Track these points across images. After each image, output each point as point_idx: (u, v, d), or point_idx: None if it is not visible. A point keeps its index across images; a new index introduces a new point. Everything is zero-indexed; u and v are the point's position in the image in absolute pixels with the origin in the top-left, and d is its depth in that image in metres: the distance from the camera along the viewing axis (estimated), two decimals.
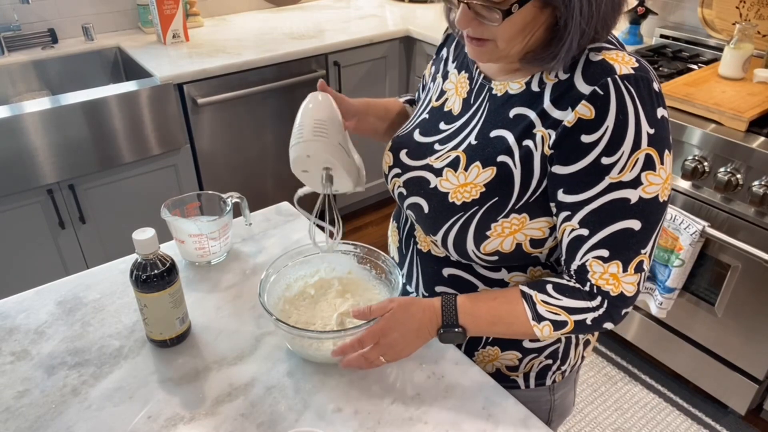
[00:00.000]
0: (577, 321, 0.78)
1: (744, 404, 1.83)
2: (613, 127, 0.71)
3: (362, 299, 0.96)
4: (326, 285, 0.99)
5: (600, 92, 0.72)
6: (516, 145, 0.79)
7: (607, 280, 0.77)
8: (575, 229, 0.76)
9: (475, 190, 0.81)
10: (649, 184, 0.73)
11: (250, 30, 2.48)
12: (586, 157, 0.73)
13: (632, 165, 0.72)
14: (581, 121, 0.73)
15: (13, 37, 2.18)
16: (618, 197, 0.73)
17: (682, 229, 1.66)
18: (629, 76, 0.72)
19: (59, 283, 1.07)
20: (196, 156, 2.21)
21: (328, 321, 0.91)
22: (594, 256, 0.76)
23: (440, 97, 0.94)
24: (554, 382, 0.97)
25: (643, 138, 0.72)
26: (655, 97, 0.73)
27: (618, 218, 0.74)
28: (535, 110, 0.78)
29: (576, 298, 0.78)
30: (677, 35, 2.26)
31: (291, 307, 0.94)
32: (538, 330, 0.79)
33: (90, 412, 0.82)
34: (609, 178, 0.73)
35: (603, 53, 0.74)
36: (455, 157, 0.85)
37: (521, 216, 0.80)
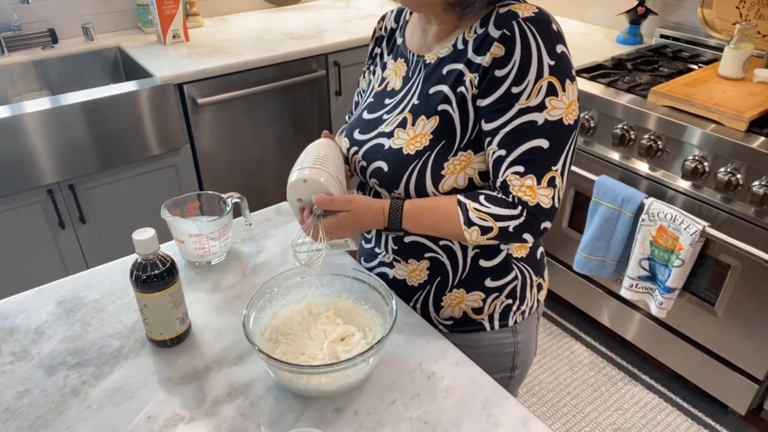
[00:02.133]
0: (501, 228, 0.88)
1: (744, 404, 1.83)
2: (519, 60, 0.84)
3: (354, 325, 0.91)
4: (315, 311, 0.94)
5: (507, 33, 0.85)
6: (452, 93, 0.91)
7: (524, 192, 0.87)
8: (496, 151, 0.88)
9: (425, 138, 0.93)
10: (553, 108, 0.85)
11: (250, 30, 2.48)
12: (499, 88, 0.86)
13: (537, 92, 0.84)
14: (495, 60, 0.86)
15: (13, 37, 2.18)
16: (527, 120, 0.85)
17: (682, 229, 1.66)
18: (530, 17, 0.85)
19: (59, 283, 1.07)
20: (196, 156, 2.21)
21: (318, 350, 0.87)
22: (512, 171, 0.87)
23: (382, 83, 1.06)
24: (516, 323, 1.06)
25: (544, 68, 0.84)
26: (554, 35, 0.85)
27: (528, 138, 0.86)
28: (462, 62, 0.91)
29: (502, 206, 0.88)
30: (677, 35, 2.26)
31: (279, 336, 0.90)
32: (467, 234, 0.89)
33: (90, 412, 0.82)
34: (518, 104, 0.85)
35: (509, 6, 0.87)
36: (403, 118, 0.97)
37: (467, 153, 0.92)
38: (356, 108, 1.17)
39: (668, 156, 1.75)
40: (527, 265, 1.04)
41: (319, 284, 0.95)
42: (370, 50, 1.15)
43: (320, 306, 0.94)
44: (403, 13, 1.07)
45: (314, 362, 0.84)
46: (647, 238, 1.77)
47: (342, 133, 1.10)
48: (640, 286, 1.86)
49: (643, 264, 1.82)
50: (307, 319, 0.93)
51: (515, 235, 0.89)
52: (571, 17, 2.65)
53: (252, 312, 0.86)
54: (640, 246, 1.79)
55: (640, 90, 1.86)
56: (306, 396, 0.84)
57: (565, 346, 2.21)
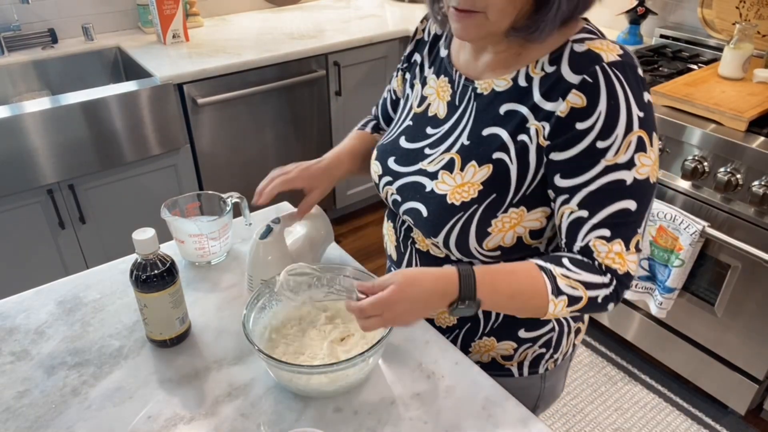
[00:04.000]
0: (591, 297, 0.78)
1: (744, 404, 1.83)
2: (606, 112, 0.74)
3: (354, 325, 0.90)
4: (315, 311, 0.93)
5: (589, 80, 0.74)
6: (511, 141, 0.81)
7: (613, 259, 0.78)
8: (574, 212, 0.78)
9: (473, 189, 0.83)
10: (642, 166, 0.76)
11: (250, 30, 2.48)
12: (581, 142, 0.76)
13: (626, 147, 0.75)
14: (574, 110, 0.75)
15: (13, 37, 2.18)
16: (614, 179, 0.76)
17: (682, 229, 1.66)
18: (616, 62, 0.74)
19: (59, 283, 1.07)
20: (196, 156, 2.21)
21: (317, 350, 0.86)
22: (596, 236, 0.78)
23: (421, 103, 0.94)
24: (547, 370, 1.00)
25: (634, 121, 0.75)
26: (641, 82, 0.76)
27: (616, 199, 0.76)
28: (526, 105, 0.80)
29: (592, 272, 0.78)
30: (677, 35, 2.26)
31: (278, 337, 0.89)
32: (553, 305, 0.77)
33: (90, 412, 0.82)
34: (605, 160, 0.75)
35: (587, 43, 0.77)
36: (450, 159, 0.86)
37: (519, 209, 0.82)
38: (384, 106, 1.11)
39: (668, 156, 1.75)
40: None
41: (318, 284, 0.95)
42: (408, 52, 1.01)
43: (320, 306, 0.94)
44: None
45: (314, 362, 0.84)
46: (647, 238, 1.77)
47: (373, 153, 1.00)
48: (640, 286, 1.86)
49: (643, 264, 1.82)
50: (306, 319, 0.93)
51: (600, 306, 0.79)
52: None
53: (252, 312, 0.86)
54: None
55: None
56: (306, 396, 0.84)
57: None
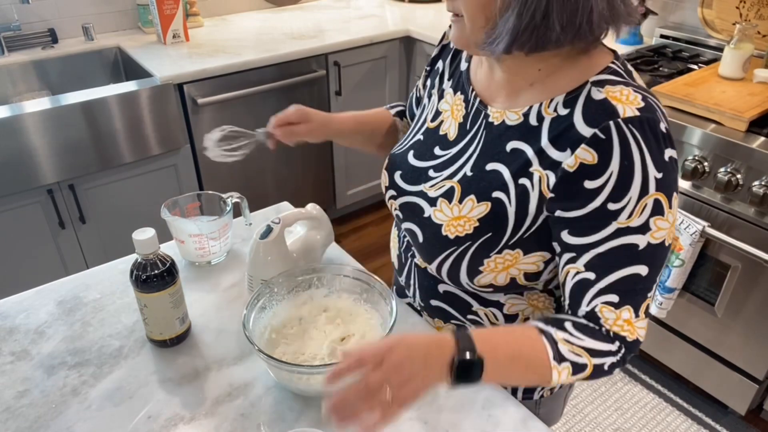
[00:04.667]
0: (597, 365, 0.72)
1: (744, 404, 1.83)
2: (618, 173, 0.68)
3: (354, 326, 0.90)
4: (315, 311, 0.93)
5: (602, 136, 0.68)
6: (512, 182, 0.77)
7: (621, 327, 0.73)
8: (580, 272, 0.73)
9: (469, 224, 0.80)
10: (658, 230, 0.70)
11: (250, 30, 2.48)
12: (591, 202, 0.70)
13: (641, 211, 0.69)
14: (583, 166, 0.70)
15: (13, 37, 2.18)
16: (626, 243, 0.70)
17: (682, 229, 1.66)
18: (633, 119, 0.68)
19: (59, 283, 1.07)
20: (196, 156, 2.21)
21: (318, 351, 0.86)
22: (603, 301, 0.72)
23: (435, 118, 0.92)
24: (542, 397, 0.98)
25: (650, 183, 0.69)
26: (662, 138, 0.70)
27: (626, 264, 0.71)
28: (532, 147, 0.76)
29: (598, 339, 0.73)
30: (677, 35, 2.26)
31: (278, 337, 0.88)
32: (557, 373, 0.70)
33: (90, 412, 0.82)
34: (617, 223, 0.70)
35: (606, 89, 0.71)
36: (450, 187, 0.83)
37: (515, 252, 0.78)
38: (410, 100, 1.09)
39: None
40: None
41: (318, 284, 0.95)
42: (434, 56, 0.98)
43: (320, 306, 0.94)
44: None
45: (314, 362, 0.84)
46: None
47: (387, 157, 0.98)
48: None
49: None
50: (306, 319, 0.92)
51: (607, 373, 0.74)
52: None
53: (252, 312, 0.86)
54: None
55: None
56: (306, 396, 0.84)
57: None
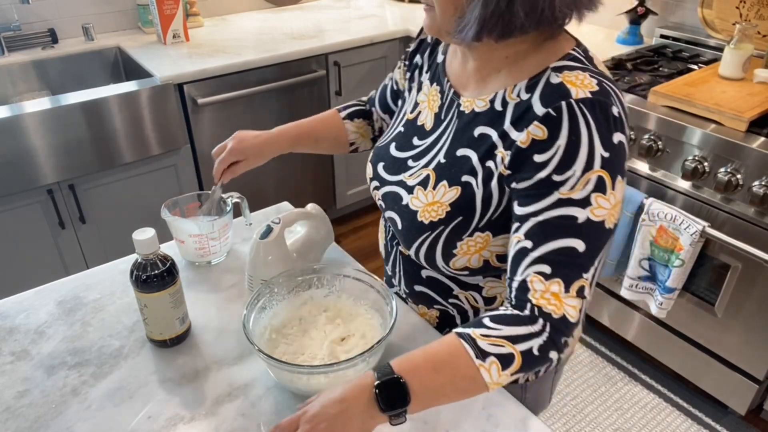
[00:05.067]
0: (524, 351, 0.71)
1: (744, 404, 1.83)
2: (565, 146, 0.71)
3: (354, 325, 0.91)
4: (315, 311, 0.93)
5: (553, 114, 0.72)
6: (479, 165, 0.80)
7: (548, 300, 0.72)
8: (521, 241, 0.75)
9: (441, 209, 0.83)
10: (598, 207, 0.72)
11: (250, 30, 2.48)
12: (538, 173, 0.73)
13: (583, 184, 0.71)
14: (534, 142, 0.73)
15: (13, 37, 2.18)
16: (565, 213, 0.72)
17: (682, 229, 1.66)
18: (585, 100, 0.71)
19: (59, 283, 1.07)
20: (196, 156, 2.21)
21: (318, 351, 0.86)
22: (535, 271, 0.73)
23: (414, 109, 0.95)
24: (527, 381, 0.98)
25: (596, 159, 0.71)
26: (612, 121, 0.72)
27: (563, 235, 0.72)
28: (497, 130, 0.79)
29: (516, 324, 0.72)
30: (677, 35, 2.26)
31: (278, 337, 0.89)
32: (485, 371, 0.69)
33: (90, 412, 0.82)
34: (558, 193, 0.72)
35: (564, 74, 0.74)
36: (426, 175, 0.87)
37: (485, 234, 0.81)
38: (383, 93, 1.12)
39: (668, 156, 1.75)
40: None
41: (318, 284, 0.95)
42: (412, 50, 1.01)
43: (320, 306, 0.94)
44: None
45: (314, 362, 0.84)
46: (647, 239, 1.77)
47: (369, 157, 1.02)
48: (640, 287, 1.86)
49: (643, 264, 1.82)
50: (307, 319, 0.92)
51: (541, 358, 0.72)
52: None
53: (252, 312, 0.86)
54: (640, 246, 1.79)
55: (640, 90, 1.86)
56: (306, 396, 0.84)
57: None
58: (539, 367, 0.75)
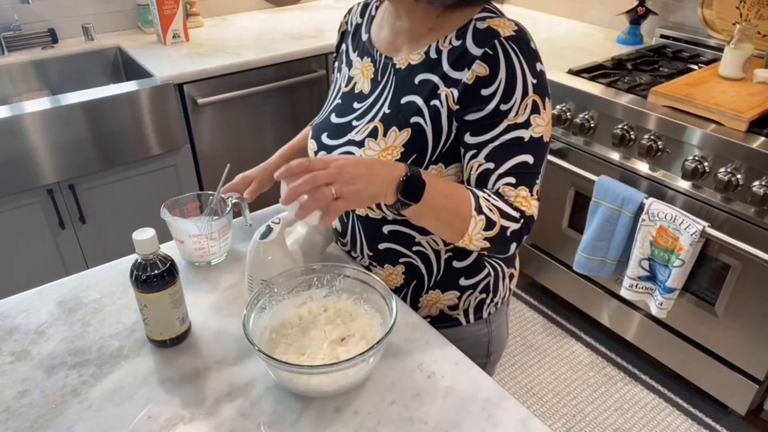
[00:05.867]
0: (503, 227, 0.86)
1: (744, 404, 1.83)
2: (505, 78, 0.85)
3: (354, 325, 0.91)
4: (315, 311, 0.93)
5: (490, 52, 0.86)
6: (425, 106, 0.91)
7: (521, 202, 0.88)
8: (482, 164, 0.89)
9: (396, 151, 0.93)
10: (537, 126, 0.88)
11: (250, 30, 2.48)
12: (487, 105, 0.86)
13: (524, 109, 0.86)
14: (478, 78, 0.86)
15: (13, 37, 2.18)
16: (515, 136, 0.87)
17: (682, 229, 1.66)
18: (511, 37, 0.86)
19: (59, 283, 1.07)
20: (196, 156, 2.21)
21: (318, 351, 0.86)
22: (504, 183, 0.88)
23: (349, 83, 1.04)
24: (490, 314, 1.10)
25: (529, 87, 0.86)
26: (533, 53, 0.88)
27: (516, 153, 0.87)
28: (437, 74, 0.91)
29: (507, 205, 0.87)
30: (677, 35, 2.26)
31: (278, 337, 0.89)
32: (474, 221, 0.84)
33: (90, 412, 0.82)
34: (507, 120, 0.86)
35: (487, 21, 0.88)
36: (373, 127, 0.96)
37: (438, 166, 0.92)
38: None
39: (668, 156, 1.75)
40: (499, 260, 1.07)
41: (318, 284, 0.95)
42: (336, 45, 1.14)
43: (320, 306, 0.94)
44: (369, 8, 1.06)
45: (314, 362, 0.84)
46: (647, 239, 1.77)
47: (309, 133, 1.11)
48: (640, 287, 1.86)
49: (643, 264, 1.82)
50: (306, 319, 0.93)
51: (507, 241, 0.88)
52: (571, 17, 2.65)
53: (252, 312, 0.86)
54: (640, 246, 1.79)
55: (640, 90, 1.86)
56: (306, 396, 0.84)
57: (565, 346, 2.22)
58: (500, 248, 0.89)
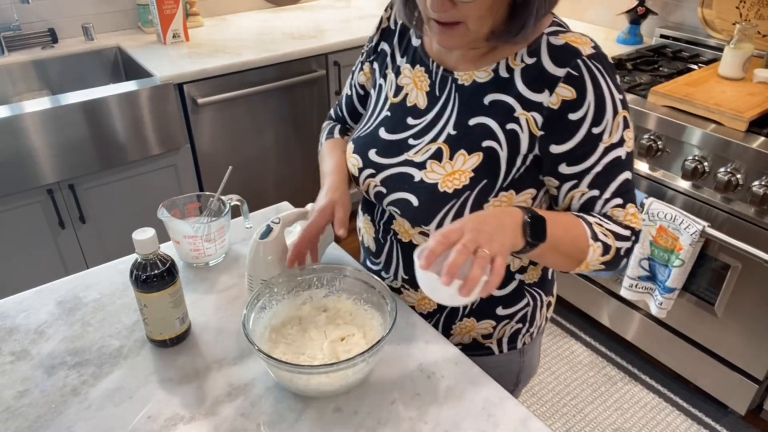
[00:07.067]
0: (617, 249, 0.84)
1: (744, 404, 1.83)
2: (594, 101, 0.80)
3: (354, 325, 0.91)
4: (315, 311, 0.93)
5: (574, 74, 0.80)
6: (500, 130, 0.85)
7: (630, 220, 0.86)
8: (585, 193, 0.85)
9: (465, 176, 0.86)
10: (629, 140, 0.85)
11: (250, 30, 2.48)
12: (578, 131, 0.82)
13: (616, 128, 0.83)
14: (565, 102, 0.81)
15: (13, 37, 2.18)
16: (613, 157, 0.83)
17: (682, 229, 1.66)
18: (593, 55, 0.81)
19: (59, 283, 1.07)
20: (196, 156, 2.21)
21: (318, 351, 0.86)
22: (613, 206, 0.85)
23: (398, 93, 0.96)
24: (524, 345, 1.04)
25: (618, 104, 0.82)
26: (613, 68, 0.83)
27: (617, 173, 0.84)
28: (511, 95, 0.85)
29: (618, 225, 0.85)
30: (677, 35, 2.26)
31: (278, 337, 0.88)
32: (592, 249, 0.81)
33: (90, 412, 0.82)
34: (602, 143, 0.82)
35: (561, 36, 0.82)
36: (437, 148, 0.89)
37: (509, 192, 0.87)
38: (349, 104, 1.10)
39: (668, 156, 1.75)
40: (539, 289, 1.01)
41: (318, 284, 0.95)
42: (374, 42, 1.02)
43: (320, 306, 0.94)
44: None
45: (314, 362, 0.84)
46: (647, 238, 1.77)
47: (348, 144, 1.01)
48: (640, 286, 1.86)
49: (643, 264, 1.82)
50: (306, 319, 0.92)
51: (620, 260, 0.86)
52: (571, 17, 2.65)
53: (252, 312, 0.86)
54: (640, 246, 1.79)
55: (640, 90, 1.86)
56: (306, 396, 0.84)
57: (565, 346, 2.21)
58: (614, 267, 0.87)
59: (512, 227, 0.75)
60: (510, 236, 0.74)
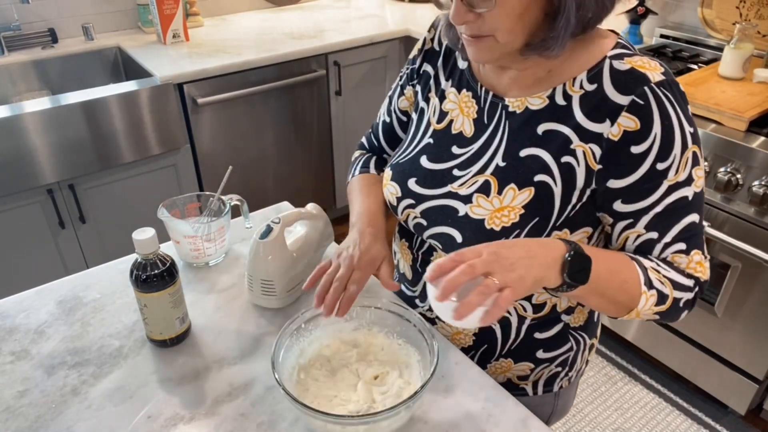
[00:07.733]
0: (676, 299, 0.76)
1: (744, 404, 1.83)
2: (661, 133, 0.72)
3: (388, 363, 0.83)
4: (345, 347, 0.85)
5: (640, 102, 0.72)
6: (554, 163, 0.78)
7: (695, 269, 0.78)
8: (642, 234, 0.77)
9: (514, 213, 0.79)
10: (698, 179, 0.76)
11: (250, 30, 2.48)
12: (640, 166, 0.74)
13: (684, 165, 0.74)
14: (627, 133, 0.73)
15: (13, 37, 2.18)
16: (678, 197, 0.75)
17: None
18: (663, 82, 0.72)
19: (59, 283, 1.07)
20: (196, 156, 2.21)
21: (351, 393, 0.79)
22: (673, 251, 0.77)
23: (441, 119, 0.89)
24: (561, 388, 0.98)
25: (688, 138, 0.74)
26: (684, 97, 0.75)
27: (682, 215, 0.76)
28: (567, 125, 0.77)
29: (679, 273, 0.77)
30: (677, 35, 2.26)
31: (307, 377, 0.81)
32: (645, 298, 0.74)
33: (90, 412, 0.82)
34: (667, 181, 0.74)
35: (627, 60, 0.74)
36: (484, 181, 0.82)
37: (562, 232, 0.79)
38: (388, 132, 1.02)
39: None
40: (583, 332, 0.95)
41: (348, 317, 0.85)
42: (417, 65, 0.94)
43: (350, 341, 0.86)
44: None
45: (348, 405, 0.78)
46: None
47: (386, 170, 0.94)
48: None
49: None
50: (336, 356, 0.85)
51: (681, 311, 0.78)
52: None
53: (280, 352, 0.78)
54: None
55: None
56: None
57: None
58: (673, 317, 0.79)
59: (545, 262, 0.68)
60: (537, 271, 0.67)
